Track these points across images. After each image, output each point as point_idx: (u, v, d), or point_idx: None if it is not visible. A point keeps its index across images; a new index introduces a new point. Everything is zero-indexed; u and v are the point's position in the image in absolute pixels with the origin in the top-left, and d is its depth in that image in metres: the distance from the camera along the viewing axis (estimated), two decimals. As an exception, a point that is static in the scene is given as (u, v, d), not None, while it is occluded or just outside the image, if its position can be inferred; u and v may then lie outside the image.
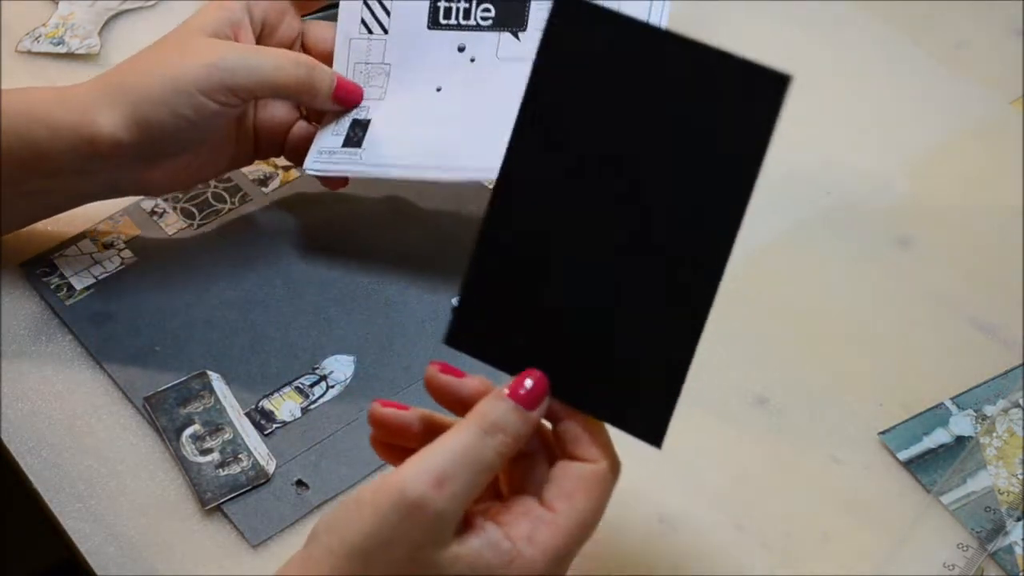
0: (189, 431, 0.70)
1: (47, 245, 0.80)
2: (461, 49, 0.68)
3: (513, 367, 0.55)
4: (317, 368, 0.73)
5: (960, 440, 0.67)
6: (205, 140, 0.72)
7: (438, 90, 0.70)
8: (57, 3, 0.96)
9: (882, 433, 0.68)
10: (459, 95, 0.71)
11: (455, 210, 0.80)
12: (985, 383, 0.70)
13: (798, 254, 0.77)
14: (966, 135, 0.84)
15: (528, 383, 0.54)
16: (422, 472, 0.50)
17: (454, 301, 0.75)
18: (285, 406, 0.71)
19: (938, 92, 0.87)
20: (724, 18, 0.92)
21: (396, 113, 0.72)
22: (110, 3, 0.95)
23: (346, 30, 0.74)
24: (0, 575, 1.15)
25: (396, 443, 0.57)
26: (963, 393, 0.69)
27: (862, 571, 0.63)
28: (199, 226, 0.81)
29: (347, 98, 0.73)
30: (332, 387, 0.72)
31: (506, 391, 0.53)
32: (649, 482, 0.67)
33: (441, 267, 0.77)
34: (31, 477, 0.69)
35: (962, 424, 0.68)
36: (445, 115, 0.71)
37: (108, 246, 0.79)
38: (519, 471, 0.55)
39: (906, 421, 0.68)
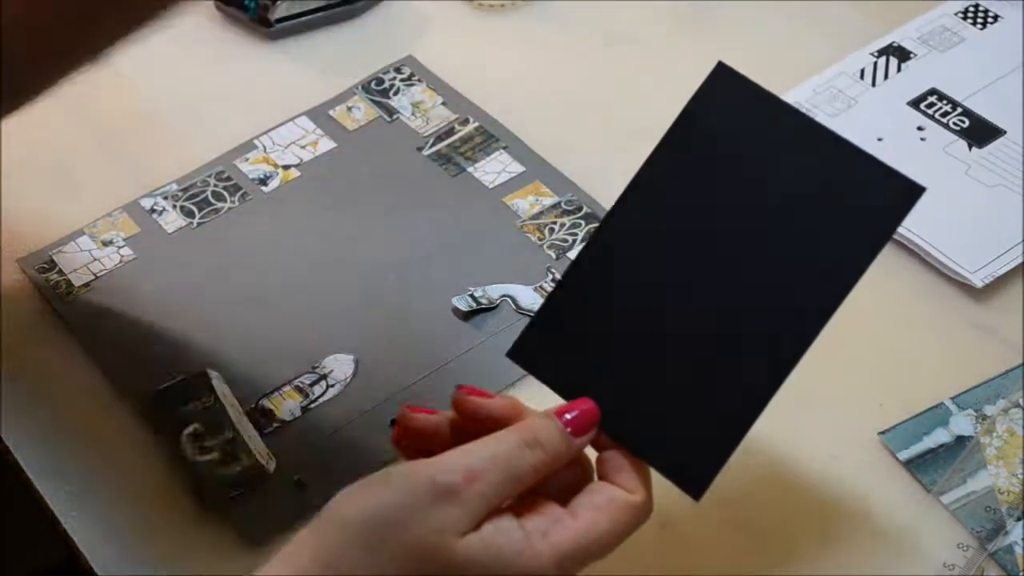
0: (189, 430, 0.69)
1: (46, 241, 0.80)
2: (920, 129, 0.82)
3: (568, 393, 0.56)
4: (317, 367, 0.73)
5: (960, 440, 0.67)
6: None
7: (879, 140, 0.81)
8: (57, 2, 0.96)
9: (882, 433, 0.68)
10: (895, 151, 0.75)
11: (455, 211, 0.80)
12: (985, 383, 0.70)
13: (798, 254, 0.77)
14: (966, 136, 0.84)
15: (579, 411, 0.55)
16: (456, 465, 0.51)
17: (454, 300, 0.75)
18: (285, 405, 0.71)
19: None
20: (726, 16, 0.92)
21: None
22: (110, 2, 0.95)
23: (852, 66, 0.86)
24: (0, 575, 1.15)
25: (422, 448, 0.57)
26: (963, 393, 0.69)
27: (862, 571, 0.63)
28: (199, 224, 0.80)
29: None
30: (332, 386, 0.72)
31: (555, 413, 0.54)
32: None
33: (441, 267, 0.77)
34: (30, 475, 0.69)
35: (962, 424, 0.68)
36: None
37: (107, 243, 0.79)
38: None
39: (906, 421, 0.68)
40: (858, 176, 0.55)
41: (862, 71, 0.87)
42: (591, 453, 0.57)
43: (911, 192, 0.55)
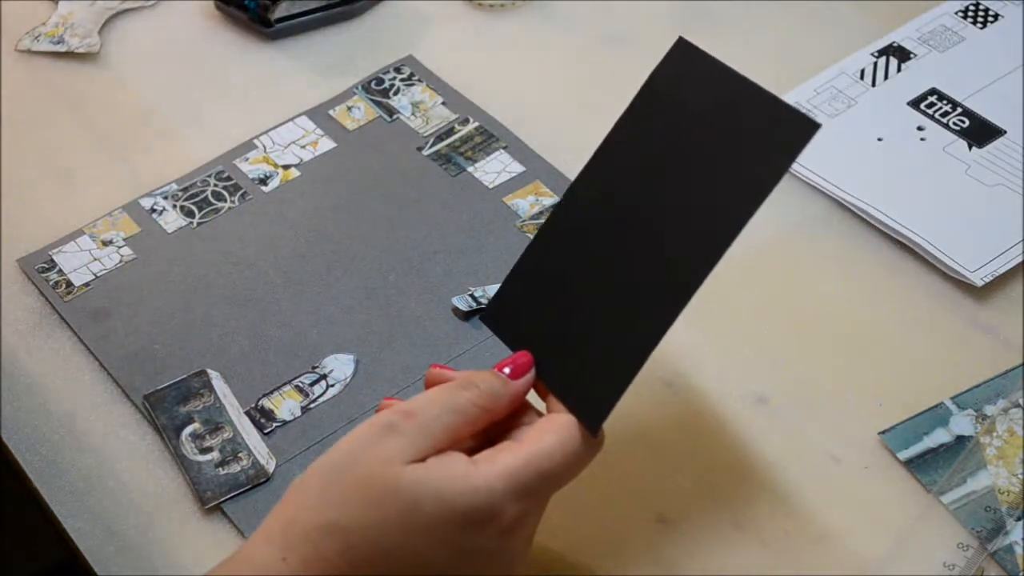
0: (189, 429, 0.70)
1: (46, 241, 0.80)
2: (920, 128, 0.83)
3: (518, 349, 0.61)
4: (317, 367, 0.73)
5: (960, 440, 0.67)
6: None
7: (879, 140, 0.83)
8: (57, 2, 0.96)
9: (882, 433, 0.68)
10: (895, 151, 0.82)
11: (455, 211, 0.80)
12: (985, 383, 0.70)
13: (798, 254, 0.77)
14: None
15: (514, 361, 0.59)
16: (397, 407, 0.55)
17: (454, 300, 0.75)
18: (285, 405, 0.71)
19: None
20: (726, 16, 0.92)
21: (835, 133, 0.82)
22: (110, 3, 0.96)
23: (852, 65, 0.87)
24: (0, 575, 1.15)
25: None
26: (963, 393, 0.69)
27: (862, 571, 0.63)
28: (199, 224, 0.80)
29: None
30: (332, 386, 0.72)
31: (495, 367, 0.59)
32: (649, 482, 0.67)
33: (441, 267, 0.77)
34: (30, 475, 0.69)
35: (962, 424, 0.68)
36: (876, 158, 0.82)
37: (107, 243, 0.79)
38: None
39: (906, 421, 0.68)
40: (766, 120, 0.58)
41: (862, 71, 0.87)
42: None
43: (811, 127, 0.56)
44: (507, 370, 0.58)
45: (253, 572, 0.54)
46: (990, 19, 0.89)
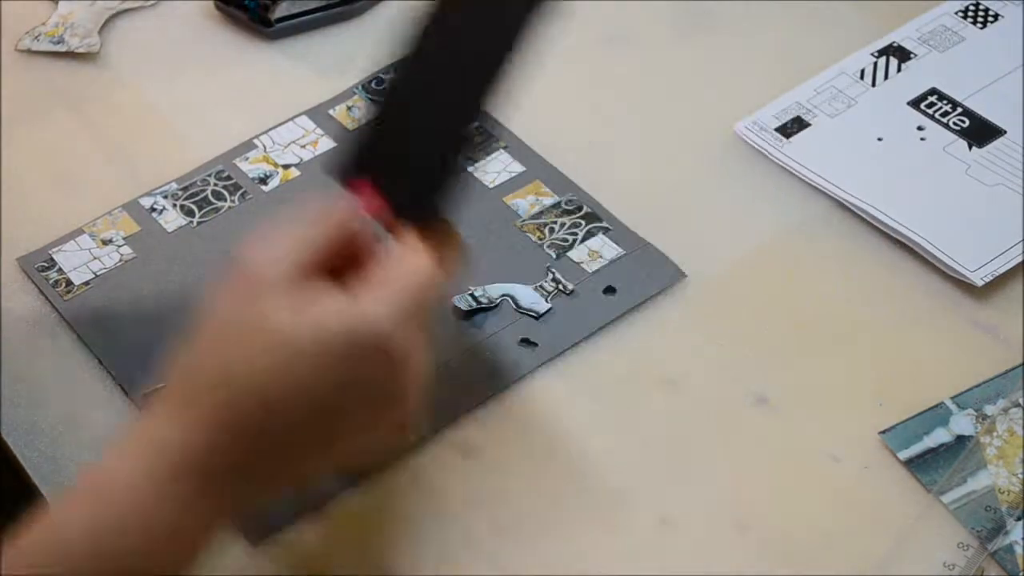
0: (188, 429, 0.69)
1: (45, 240, 0.80)
2: (920, 128, 0.83)
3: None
4: (317, 366, 0.72)
5: (960, 439, 0.67)
6: None
7: (879, 140, 0.83)
8: (57, 2, 0.96)
9: (882, 433, 0.68)
10: (895, 151, 0.82)
11: (457, 211, 0.80)
12: (985, 383, 0.69)
13: (798, 254, 0.77)
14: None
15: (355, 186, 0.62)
16: (252, 258, 0.58)
17: (454, 300, 0.75)
18: (284, 404, 0.71)
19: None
20: (726, 16, 0.92)
21: (835, 133, 0.84)
22: (110, 2, 0.96)
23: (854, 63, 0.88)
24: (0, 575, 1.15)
25: None
26: (963, 392, 0.69)
27: (862, 571, 0.63)
28: (199, 223, 0.80)
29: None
30: (332, 385, 0.71)
31: None
32: (649, 482, 0.67)
33: (441, 266, 0.77)
34: (30, 472, 0.69)
35: (962, 423, 0.68)
36: (876, 158, 0.82)
37: (107, 242, 0.79)
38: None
39: (906, 421, 0.68)
40: None
41: (862, 71, 0.87)
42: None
43: None
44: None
45: (148, 443, 0.55)
46: (990, 19, 0.90)
